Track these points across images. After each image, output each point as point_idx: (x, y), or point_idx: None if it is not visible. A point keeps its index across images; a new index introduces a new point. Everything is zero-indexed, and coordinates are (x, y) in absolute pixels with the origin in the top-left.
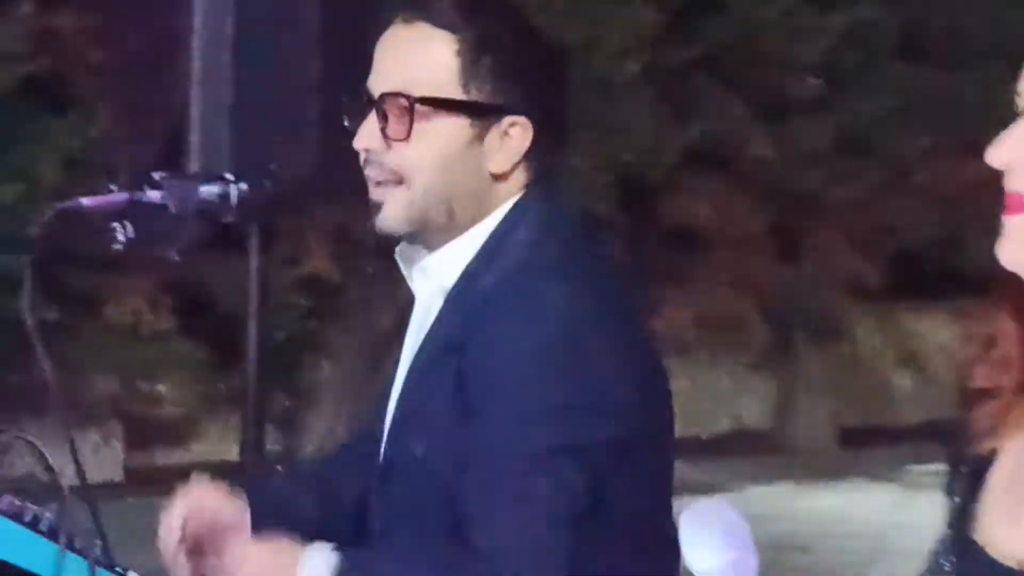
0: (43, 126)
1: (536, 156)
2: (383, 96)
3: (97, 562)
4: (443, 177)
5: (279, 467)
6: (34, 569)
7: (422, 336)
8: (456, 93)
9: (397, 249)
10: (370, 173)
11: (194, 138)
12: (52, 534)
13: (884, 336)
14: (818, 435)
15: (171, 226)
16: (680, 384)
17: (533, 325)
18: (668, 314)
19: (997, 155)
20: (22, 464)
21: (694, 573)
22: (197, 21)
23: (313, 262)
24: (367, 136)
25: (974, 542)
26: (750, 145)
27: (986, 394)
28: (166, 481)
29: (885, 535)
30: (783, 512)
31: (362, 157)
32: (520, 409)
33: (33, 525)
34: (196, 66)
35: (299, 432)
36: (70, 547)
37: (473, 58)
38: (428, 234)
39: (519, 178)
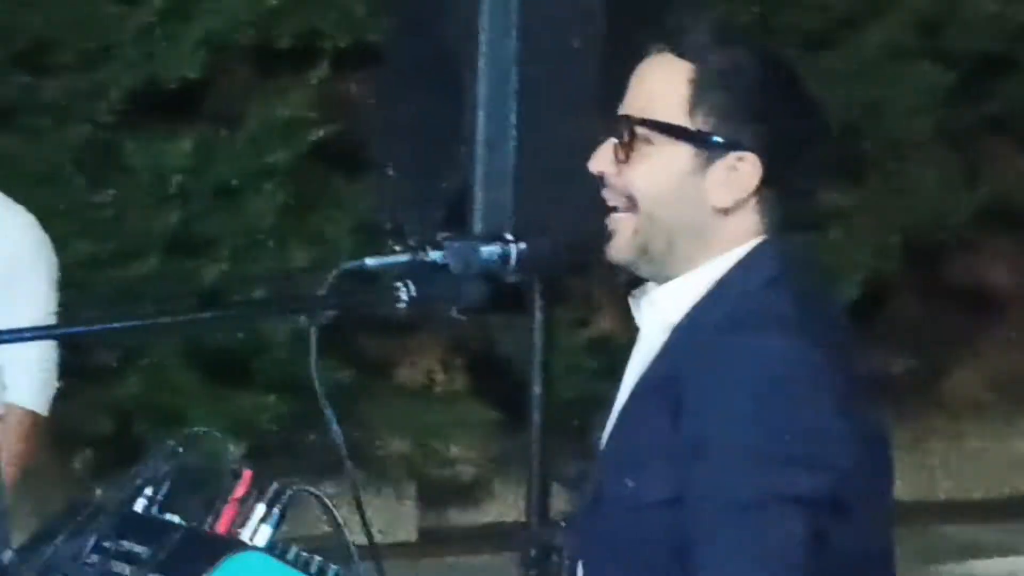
0: (336, 190)
1: (769, 199)
2: (619, 118)
3: None
4: (664, 203)
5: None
6: None
7: (642, 369)
8: (681, 120)
9: (631, 296)
10: (606, 197)
11: (478, 199)
12: None
13: None
14: None
15: (453, 285)
16: (974, 446)
17: (764, 374)
18: (961, 376)
19: None
20: (311, 520)
21: None
22: (481, 87)
23: (601, 323)
24: (600, 158)
25: None
26: None
27: None
28: (459, 542)
29: None
30: None
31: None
32: (748, 456)
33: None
34: (480, 129)
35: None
36: None
37: (705, 89)
38: (654, 265)
39: (750, 219)
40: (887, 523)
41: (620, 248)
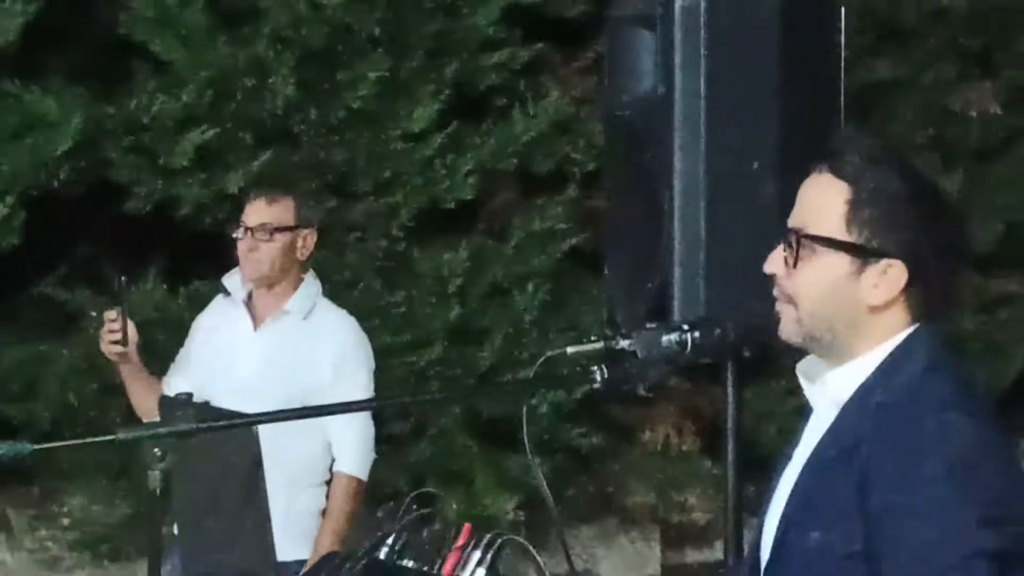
0: (587, 287)
1: (915, 296)
2: (788, 230)
3: None
4: (823, 302)
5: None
6: None
7: (815, 441)
8: (840, 234)
9: (799, 365)
10: (775, 292)
11: (676, 295)
12: None
13: None
14: None
15: (640, 368)
16: None
17: (950, 448)
18: None
19: None
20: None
21: None
22: (676, 203)
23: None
24: (772, 262)
25: None
26: None
27: None
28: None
29: None
30: None
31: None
32: (938, 521)
33: None
34: (676, 238)
35: None
36: None
37: (859, 207)
38: (820, 350)
39: (901, 314)
40: None
41: (788, 333)
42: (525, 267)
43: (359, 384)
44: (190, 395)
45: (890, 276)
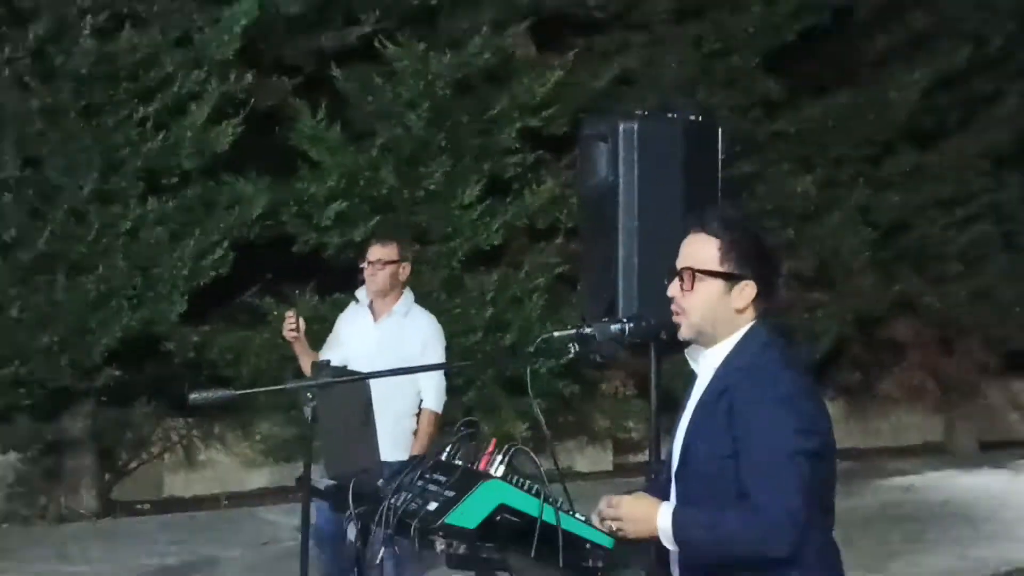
0: (569, 299)
1: (758, 303)
2: (681, 269)
3: None
4: (705, 312)
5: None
6: None
7: (700, 396)
8: (717, 268)
9: (686, 351)
10: (673, 308)
11: (620, 303)
12: None
13: None
14: None
15: (599, 345)
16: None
17: (776, 387)
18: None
19: None
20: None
21: None
22: (620, 246)
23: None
24: (672, 288)
25: None
26: None
27: None
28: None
29: None
30: None
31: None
32: (776, 433)
33: None
34: (620, 268)
35: None
36: None
37: (726, 251)
38: (704, 339)
39: (749, 314)
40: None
41: (683, 334)
42: (531, 286)
43: (436, 355)
44: (329, 361)
45: (745, 291)
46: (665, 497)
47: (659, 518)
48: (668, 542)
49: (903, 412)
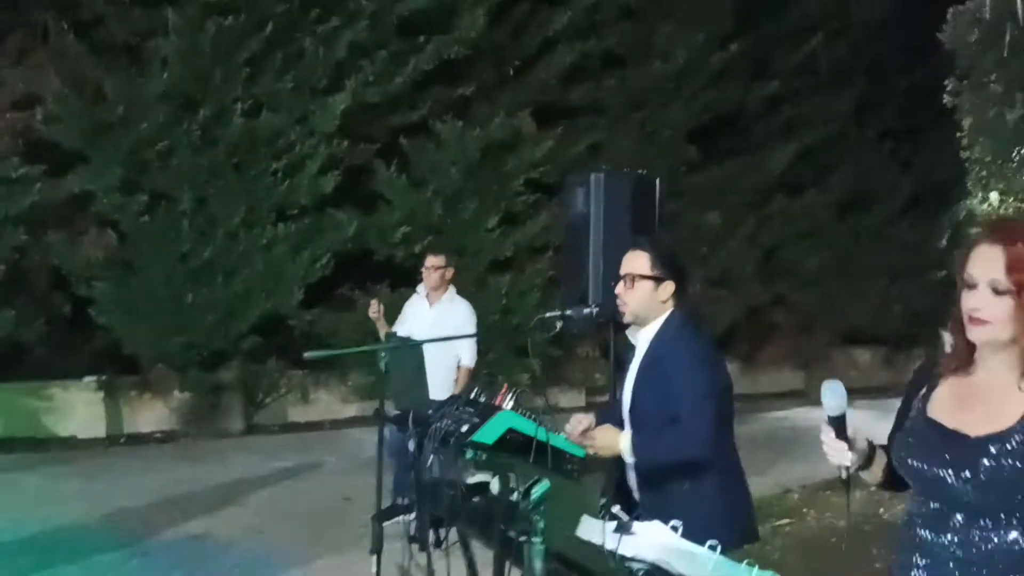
0: (555, 293)
1: (676, 296)
2: (624, 275)
3: None
4: (641, 304)
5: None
6: None
7: (639, 361)
8: (648, 273)
9: (627, 331)
10: (619, 302)
11: (590, 296)
12: None
13: None
14: None
15: (576, 324)
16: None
17: (692, 353)
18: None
19: None
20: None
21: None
22: (591, 257)
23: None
24: (619, 288)
25: (930, 418)
26: None
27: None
28: None
29: None
30: None
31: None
32: (695, 384)
33: None
34: (590, 272)
35: None
36: None
37: (654, 262)
38: (639, 322)
39: (671, 304)
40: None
41: (627, 318)
42: (531, 285)
43: (471, 330)
44: (396, 333)
45: (667, 288)
46: (617, 425)
47: (621, 441)
48: (627, 456)
49: (776, 371)
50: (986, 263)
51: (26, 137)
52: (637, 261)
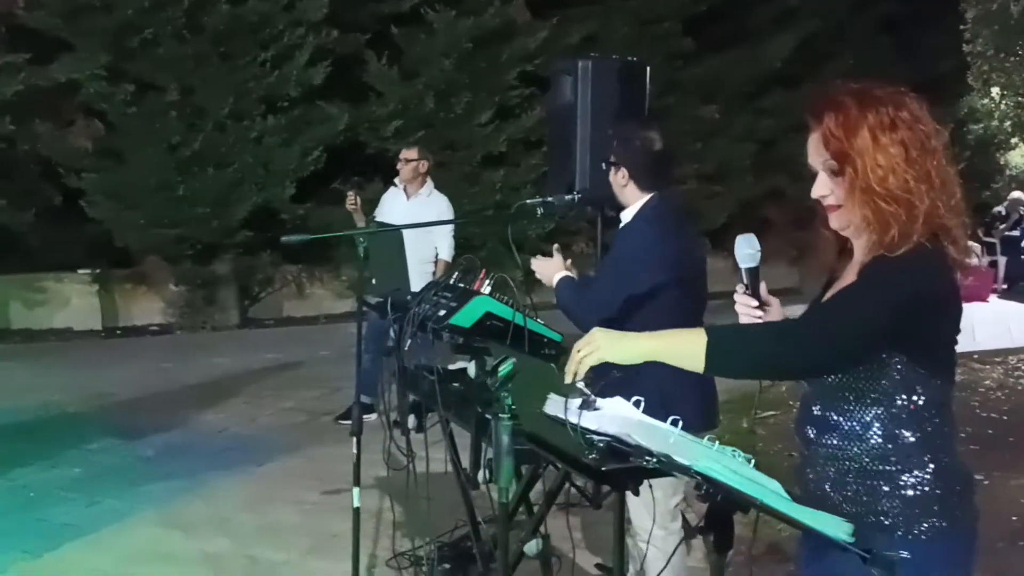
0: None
1: (639, 183)
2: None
3: None
4: (613, 185)
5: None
6: None
7: (620, 229)
8: (611, 160)
9: (615, 212)
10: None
11: (577, 184)
12: None
13: None
14: None
15: (557, 209)
16: None
17: (636, 230)
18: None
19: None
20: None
21: (739, 260)
22: (577, 147)
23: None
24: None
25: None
26: None
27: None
28: None
29: None
30: None
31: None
32: (616, 253)
33: None
34: (577, 160)
35: None
36: None
37: (616, 146)
38: (617, 204)
39: (636, 189)
40: (704, 281)
41: (616, 202)
42: (525, 179)
43: (446, 223)
44: (375, 218)
45: (623, 174)
46: None
47: (555, 277)
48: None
49: (772, 266)
50: (813, 149)
51: (8, 23)
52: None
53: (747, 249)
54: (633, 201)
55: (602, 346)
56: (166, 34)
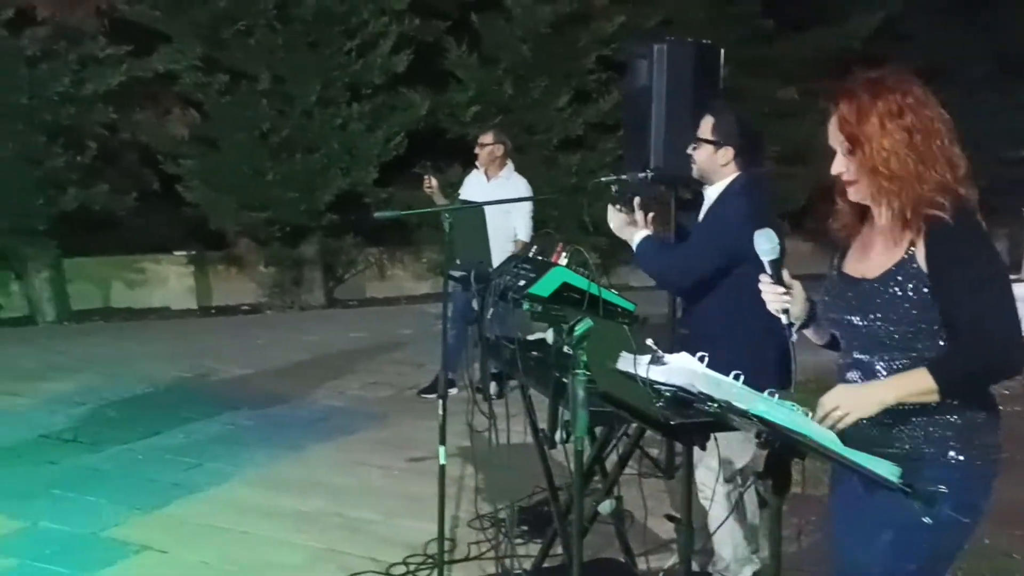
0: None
1: (740, 163)
2: (696, 138)
3: None
4: (703, 164)
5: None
6: None
7: (708, 205)
8: (709, 137)
9: (699, 187)
10: (691, 162)
11: (652, 162)
12: None
13: None
14: None
15: (631, 186)
16: None
17: (727, 206)
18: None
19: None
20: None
21: (760, 254)
22: (653, 127)
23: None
24: (690, 148)
25: (843, 272)
26: None
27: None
28: None
29: None
30: None
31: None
32: (709, 225)
33: None
34: (652, 140)
35: None
36: None
37: (715, 127)
38: (705, 180)
39: (733, 168)
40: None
41: (697, 175)
42: (602, 163)
43: (525, 205)
44: (458, 195)
45: (727, 153)
46: None
47: (636, 234)
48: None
49: None
50: (832, 131)
51: (110, 16)
52: (704, 124)
53: (767, 244)
54: (723, 178)
55: (852, 411)
56: (258, 25)
